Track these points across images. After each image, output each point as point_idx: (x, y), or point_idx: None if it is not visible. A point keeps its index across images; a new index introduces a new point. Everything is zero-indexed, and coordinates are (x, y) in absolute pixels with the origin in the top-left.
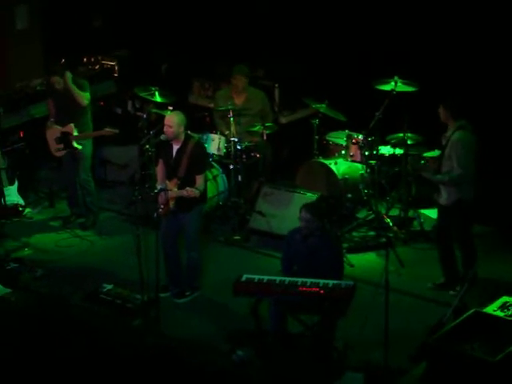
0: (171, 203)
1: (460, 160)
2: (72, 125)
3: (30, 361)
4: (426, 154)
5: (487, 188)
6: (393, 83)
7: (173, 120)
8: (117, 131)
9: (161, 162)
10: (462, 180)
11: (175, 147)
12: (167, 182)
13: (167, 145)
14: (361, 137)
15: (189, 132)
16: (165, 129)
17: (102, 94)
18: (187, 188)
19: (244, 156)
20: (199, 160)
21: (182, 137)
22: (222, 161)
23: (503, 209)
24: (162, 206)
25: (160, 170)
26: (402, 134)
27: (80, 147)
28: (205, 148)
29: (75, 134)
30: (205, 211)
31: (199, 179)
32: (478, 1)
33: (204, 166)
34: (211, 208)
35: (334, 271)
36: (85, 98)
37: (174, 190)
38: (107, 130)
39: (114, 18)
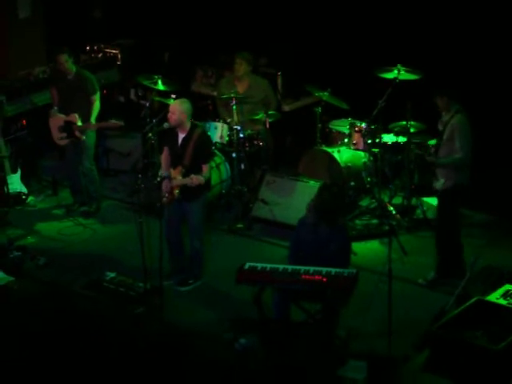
0: (176, 192)
1: (463, 142)
2: (76, 115)
3: (32, 349)
4: (429, 142)
5: (490, 176)
6: (396, 71)
7: (177, 107)
8: (122, 124)
9: (166, 149)
10: (465, 162)
11: (181, 135)
12: (171, 170)
13: (172, 133)
14: (364, 125)
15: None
16: (168, 115)
17: (104, 83)
18: (192, 175)
19: (247, 144)
20: (204, 149)
21: (188, 125)
22: (225, 149)
23: (506, 197)
24: (166, 195)
25: (165, 157)
26: (404, 122)
27: (83, 137)
28: (210, 137)
29: (79, 124)
30: (208, 200)
31: (205, 168)
32: None
33: (210, 155)
34: (214, 196)
35: (341, 262)
36: (96, 99)
37: (178, 178)
38: (113, 121)
39: (114, 8)
